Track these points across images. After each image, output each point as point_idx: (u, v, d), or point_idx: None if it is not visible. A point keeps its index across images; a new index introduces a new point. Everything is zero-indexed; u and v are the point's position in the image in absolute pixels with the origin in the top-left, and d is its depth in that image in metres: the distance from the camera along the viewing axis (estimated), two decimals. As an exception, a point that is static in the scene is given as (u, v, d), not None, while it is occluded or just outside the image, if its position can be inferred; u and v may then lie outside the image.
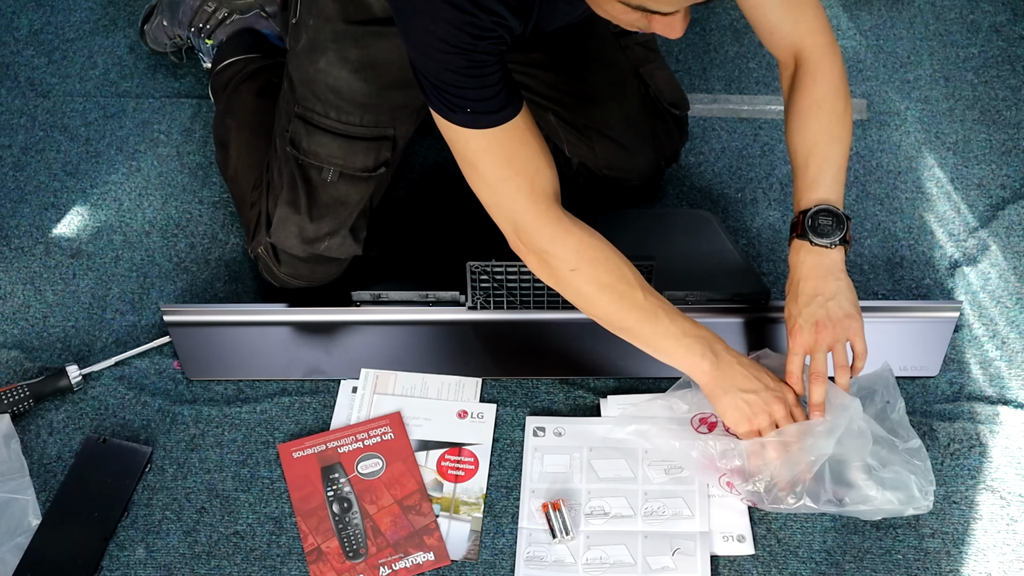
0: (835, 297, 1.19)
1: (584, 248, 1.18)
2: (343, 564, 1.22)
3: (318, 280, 1.44)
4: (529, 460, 1.31)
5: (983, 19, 1.90)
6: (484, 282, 1.37)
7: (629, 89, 1.48)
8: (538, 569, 1.21)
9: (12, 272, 1.54)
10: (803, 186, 1.22)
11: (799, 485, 1.17)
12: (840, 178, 1.22)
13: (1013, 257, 1.54)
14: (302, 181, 1.37)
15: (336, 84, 1.32)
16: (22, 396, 1.34)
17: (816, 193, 1.21)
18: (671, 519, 1.24)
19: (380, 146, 1.37)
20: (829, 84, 1.23)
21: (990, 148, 1.69)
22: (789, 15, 1.23)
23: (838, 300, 1.19)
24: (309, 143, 1.35)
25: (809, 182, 1.22)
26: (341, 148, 1.35)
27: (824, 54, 1.24)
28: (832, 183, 1.21)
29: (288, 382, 1.40)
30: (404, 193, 1.64)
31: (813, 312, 1.19)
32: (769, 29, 1.24)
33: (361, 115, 1.34)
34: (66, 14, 1.92)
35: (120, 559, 1.24)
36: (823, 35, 1.24)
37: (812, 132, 1.22)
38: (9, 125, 1.74)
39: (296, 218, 1.37)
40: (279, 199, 1.38)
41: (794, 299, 1.21)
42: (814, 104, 1.22)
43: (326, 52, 1.32)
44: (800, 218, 1.21)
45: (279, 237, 1.39)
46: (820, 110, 1.22)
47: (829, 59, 1.24)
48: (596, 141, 1.48)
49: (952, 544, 1.23)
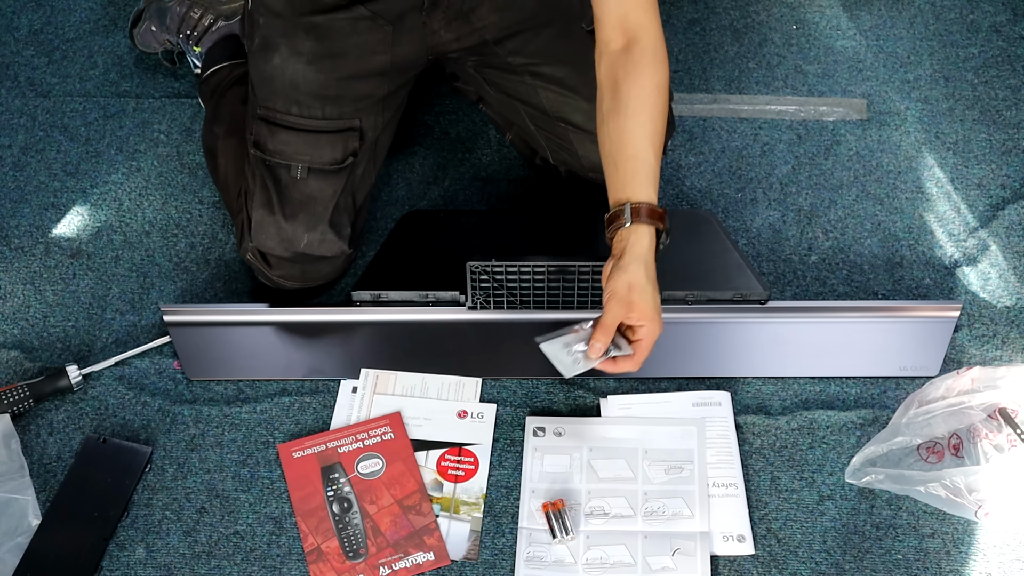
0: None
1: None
2: (343, 564, 1.22)
3: (311, 280, 1.44)
4: (529, 460, 1.31)
5: (983, 19, 1.90)
6: (484, 282, 1.37)
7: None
8: (538, 569, 1.21)
9: (12, 272, 1.54)
10: (624, 182, 1.20)
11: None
12: (657, 178, 1.20)
13: (1013, 257, 1.54)
14: (272, 181, 1.36)
15: (293, 78, 1.32)
16: (22, 396, 1.34)
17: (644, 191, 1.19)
18: (671, 519, 1.24)
19: (347, 138, 1.36)
20: (658, 84, 1.20)
21: (990, 148, 1.69)
22: None
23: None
24: (274, 143, 1.35)
25: (629, 178, 1.19)
26: (306, 143, 1.35)
27: (658, 43, 1.21)
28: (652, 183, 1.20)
29: (288, 382, 1.40)
30: (404, 193, 1.64)
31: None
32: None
33: (322, 108, 1.34)
34: (66, 14, 1.92)
35: (120, 559, 1.24)
36: (657, 20, 1.22)
37: (643, 132, 1.19)
38: (9, 125, 1.74)
39: (272, 219, 1.37)
40: (254, 203, 1.38)
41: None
42: (640, 97, 1.19)
43: (278, 48, 1.32)
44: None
45: (260, 240, 1.38)
46: (643, 104, 1.19)
47: (662, 51, 1.21)
48: (577, 145, 1.48)
49: (952, 544, 1.23)
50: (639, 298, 1.14)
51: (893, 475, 1.25)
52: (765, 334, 1.40)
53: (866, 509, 1.26)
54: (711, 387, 1.37)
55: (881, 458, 1.28)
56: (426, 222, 1.56)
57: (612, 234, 1.18)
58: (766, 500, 1.28)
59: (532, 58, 1.43)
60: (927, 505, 1.26)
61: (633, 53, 1.21)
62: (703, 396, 1.36)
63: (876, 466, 1.27)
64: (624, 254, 1.16)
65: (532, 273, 1.34)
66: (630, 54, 1.21)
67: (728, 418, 1.34)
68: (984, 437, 1.24)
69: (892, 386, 1.38)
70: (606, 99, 1.22)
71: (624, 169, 1.19)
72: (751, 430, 1.34)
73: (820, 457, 1.31)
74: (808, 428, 1.34)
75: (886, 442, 1.27)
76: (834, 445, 1.32)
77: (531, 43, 1.41)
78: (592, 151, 1.48)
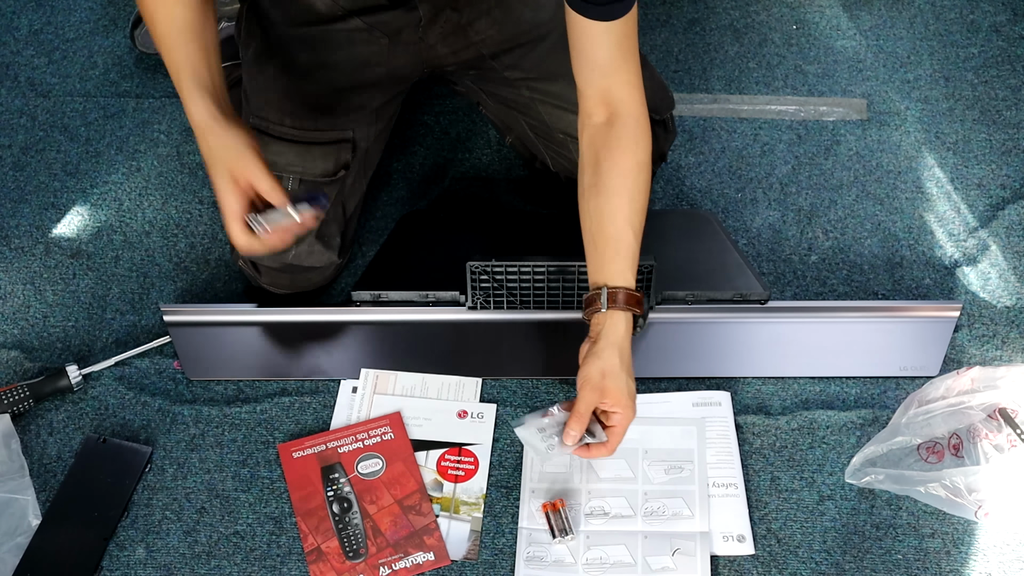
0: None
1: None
2: (343, 564, 1.22)
3: (300, 288, 1.43)
4: (529, 460, 1.31)
5: (983, 19, 1.90)
6: (484, 282, 1.37)
7: None
8: (538, 569, 1.21)
9: (12, 272, 1.54)
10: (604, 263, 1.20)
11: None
12: (635, 260, 1.20)
13: (1013, 257, 1.54)
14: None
15: (287, 90, 1.31)
16: (22, 396, 1.34)
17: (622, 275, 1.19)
18: (671, 519, 1.24)
19: (339, 150, 1.36)
20: (639, 162, 1.20)
21: (990, 148, 1.69)
22: (615, 59, 1.18)
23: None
24: (266, 153, 1.33)
25: (609, 260, 1.20)
26: (298, 155, 1.34)
27: (640, 119, 1.21)
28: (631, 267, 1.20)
29: (288, 382, 1.40)
30: (404, 193, 1.64)
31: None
32: (590, 65, 1.19)
33: (316, 120, 1.34)
34: (66, 14, 1.92)
35: (120, 559, 1.24)
36: (641, 96, 1.21)
37: (622, 214, 1.19)
38: (9, 125, 1.74)
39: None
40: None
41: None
42: (620, 177, 1.19)
43: (273, 58, 1.31)
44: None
45: None
46: (624, 185, 1.19)
47: (644, 128, 1.21)
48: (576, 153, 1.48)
49: (952, 544, 1.23)
50: (612, 384, 1.14)
51: (893, 475, 1.25)
52: (765, 334, 1.40)
53: (866, 509, 1.26)
54: (711, 387, 1.37)
55: (881, 458, 1.28)
56: (426, 222, 1.56)
57: (589, 317, 1.19)
58: (766, 500, 1.28)
59: (529, 72, 1.42)
60: (927, 505, 1.26)
61: (615, 128, 1.20)
62: (703, 396, 1.36)
63: (876, 466, 1.27)
64: (599, 339, 1.17)
65: (532, 273, 1.34)
66: (612, 129, 1.20)
67: (728, 418, 1.34)
68: (984, 437, 1.24)
69: (892, 386, 1.38)
70: (587, 174, 1.22)
71: (603, 250, 1.19)
72: (751, 430, 1.34)
73: (820, 457, 1.31)
74: (808, 428, 1.34)
75: (886, 442, 1.27)
76: (834, 445, 1.32)
77: (527, 57, 1.41)
78: None
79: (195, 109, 1.13)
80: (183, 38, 1.14)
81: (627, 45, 1.17)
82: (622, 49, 1.17)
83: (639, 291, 1.19)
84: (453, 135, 1.72)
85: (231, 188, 1.12)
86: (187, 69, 1.13)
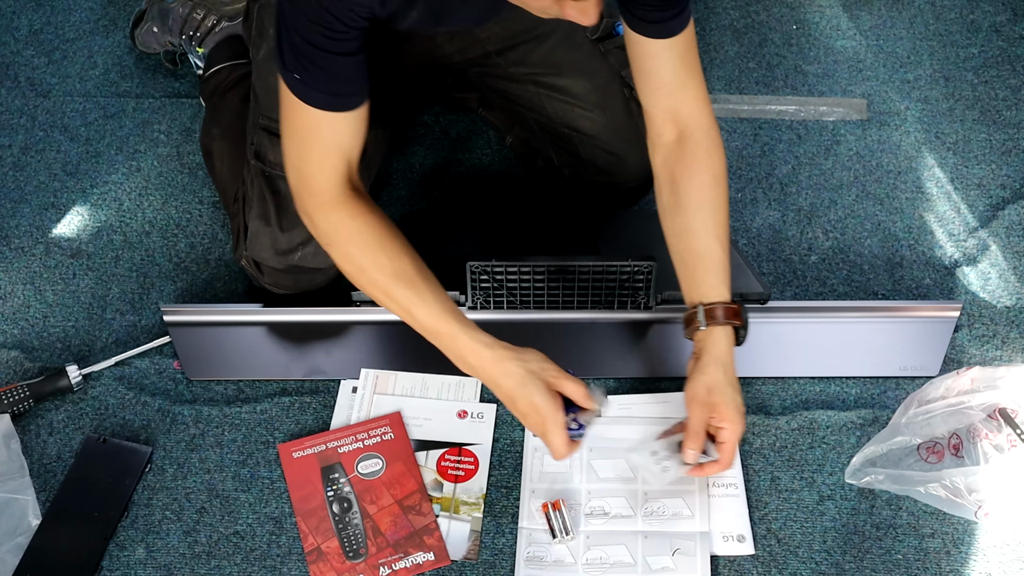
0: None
1: (347, 228, 1.16)
2: (343, 564, 1.22)
3: (303, 289, 1.43)
4: (529, 460, 1.31)
5: (983, 19, 1.90)
6: (484, 282, 1.37)
7: (612, 95, 1.47)
8: (538, 569, 1.21)
9: (12, 272, 1.54)
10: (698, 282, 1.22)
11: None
12: (726, 273, 1.22)
13: (1013, 257, 1.54)
14: (270, 193, 1.36)
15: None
16: (22, 396, 1.34)
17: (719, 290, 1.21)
18: (671, 519, 1.24)
19: None
20: (715, 175, 1.21)
21: (990, 148, 1.69)
22: (680, 76, 1.19)
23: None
24: (275, 154, 1.34)
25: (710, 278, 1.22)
26: None
27: (711, 132, 1.22)
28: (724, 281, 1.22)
29: (288, 382, 1.40)
30: (404, 193, 1.64)
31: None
32: (656, 84, 1.20)
33: None
34: (66, 14, 1.92)
35: (120, 559, 1.24)
36: (709, 109, 1.22)
37: (706, 229, 1.20)
38: (9, 125, 1.74)
39: (267, 231, 1.36)
40: (251, 212, 1.38)
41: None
42: (699, 192, 1.21)
43: None
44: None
45: (254, 250, 1.38)
46: (705, 199, 1.21)
47: (716, 140, 1.22)
48: (583, 151, 1.48)
49: (952, 544, 1.23)
50: (720, 400, 1.16)
51: (893, 475, 1.25)
52: (765, 334, 1.40)
53: (866, 509, 1.26)
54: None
55: (881, 458, 1.28)
56: (426, 222, 1.56)
57: (690, 336, 1.22)
58: (766, 500, 1.28)
59: (534, 68, 1.42)
60: (927, 505, 1.26)
61: (687, 146, 1.22)
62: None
63: (876, 466, 1.27)
64: (703, 355, 1.19)
65: (532, 273, 1.34)
66: (684, 147, 1.22)
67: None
68: (984, 437, 1.24)
69: (892, 386, 1.38)
70: (664, 193, 1.24)
71: (693, 268, 1.22)
72: (751, 430, 1.34)
73: (820, 457, 1.31)
74: (808, 428, 1.34)
75: (886, 442, 1.27)
76: (834, 445, 1.32)
77: (533, 53, 1.41)
78: (597, 156, 1.48)
79: (475, 345, 1.15)
80: (425, 283, 1.17)
81: (689, 58, 1.19)
82: (685, 63, 1.19)
83: (736, 302, 1.20)
84: (453, 135, 1.72)
85: (553, 401, 1.14)
86: (442, 310, 1.16)
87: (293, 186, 1.18)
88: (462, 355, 1.16)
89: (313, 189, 1.16)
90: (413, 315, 1.16)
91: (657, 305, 1.39)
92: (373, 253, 1.16)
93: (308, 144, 1.14)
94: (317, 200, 1.16)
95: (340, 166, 1.15)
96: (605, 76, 1.45)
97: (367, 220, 1.17)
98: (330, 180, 1.16)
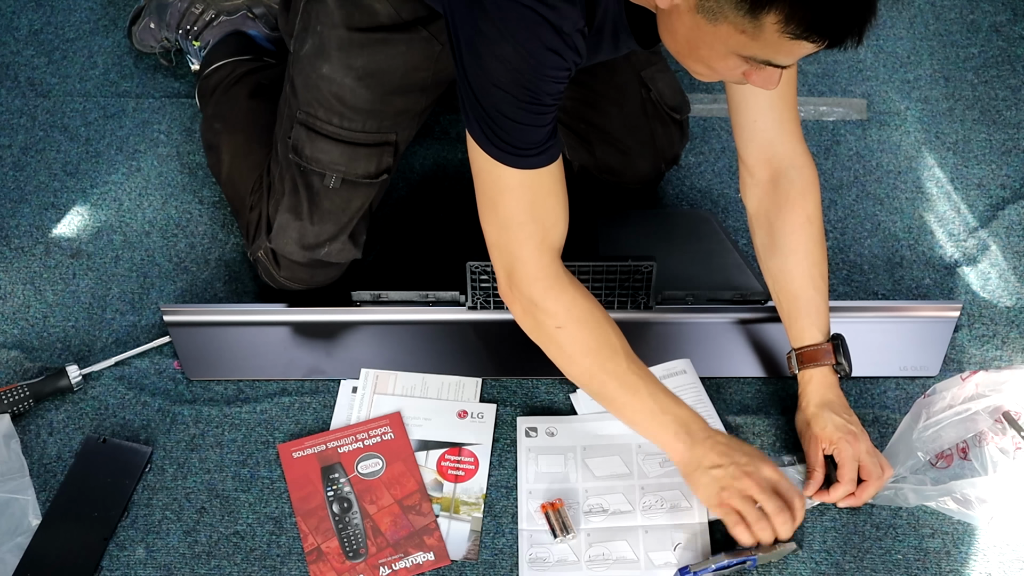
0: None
1: (575, 308, 1.17)
2: (343, 564, 1.22)
3: (317, 283, 1.44)
4: (524, 461, 1.31)
5: (983, 19, 1.90)
6: (484, 282, 1.37)
7: (630, 94, 1.48)
8: (542, 570, 1.21)
9: (12, 272, 1.54)
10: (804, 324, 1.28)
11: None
12: (822, 314, 1.28)
13: (1013, 257, 1.54)
14: (304, 187, 1.36)
15: (340, 91, 1.32)
16: (22, 396, 1.34)
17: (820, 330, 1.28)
18: (670, 511, 1.24)
19: (382, 152, 1.37)
20: (809, 215, 1.25)
21: (990, 148, 1.69)
22: (776, 111, 1.20)
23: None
24: (312, 149, 1.35)
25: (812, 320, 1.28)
26: (344, 154, 1.35)
27: (806, 170, 1.24)
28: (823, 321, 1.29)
29: (288, 382, 1.40)
30: (404, 193, 1.64)
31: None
32: (751, 127, 1.21)
33: (364, 121, 1.34)
34: (66, 14, 1.92)
35: (120, 559, 1.24)
36: (803, 146, 1.24)
37: (800, 271, 1.26)
38: (9, 125, 1.74)
39: (297, 224, 1.37)
40: (280, 205, 1.38)
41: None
42: (793, 234, 1.25)
43: (330, 59, 1.31)
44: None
45: (279, 243, 1.39)
46: (798, 242, 1.25)
47: (811, 179, 1.25)
48: (596, 145, 1.48)
49: (952, 544, 1.23)
50: (819, 428, 1.24)
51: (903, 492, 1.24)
52: (765, 334, 1.40)
53: (866, 509, 1.26)
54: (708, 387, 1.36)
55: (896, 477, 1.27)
56: (426, 222, 1.56)
57: (792, 376, 1.30)
58: (766, 500, 1.27)
59: None
60: (927, 505, 1.26)
61: (781, 186, 1.24)
62: (666, 368, 1.35)
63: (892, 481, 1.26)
64: (800, 396, 1.28)
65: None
66: (778, 188, 1.25)
67: (696, 383, 1.34)
68: (990, 441, 1.24)
69: (892, 386, 1.38)
70: (760, 234, 1.29)
71: (788, 311, 1.29)
72: (751, 430, 1.34)
73: (820, 457, 1.31)
74: (808, 428, 1.34)
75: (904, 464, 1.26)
76: (834, 445, 1.32)
77: None
78: (609, 153, 1.49)
79: (690, 439, 1.17)
80: (641, 374, 1.19)
81: (787, 92, 1.20)
82: (784, 98, 1.20)
83: (829, 341, 1.27)
84: (453, 135, 1.72)
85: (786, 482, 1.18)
86: (657, 396, 1.18)
87: (508, 276, 1.16)
88: (677, 450, 1.19)
89: (538, 268, 1.14)
90: (638, 392, 1.18)
91: (657, 305, 1.39)
92: (604, 334, 1.17)
93: (529, 213, 1.12)
94: (541, 280, 1.15)
95: (559, 227, 1.15)
96: (624, 74, 1.46)
97: (582, 291, 1.19)
98: (551, 248, 1.15)
